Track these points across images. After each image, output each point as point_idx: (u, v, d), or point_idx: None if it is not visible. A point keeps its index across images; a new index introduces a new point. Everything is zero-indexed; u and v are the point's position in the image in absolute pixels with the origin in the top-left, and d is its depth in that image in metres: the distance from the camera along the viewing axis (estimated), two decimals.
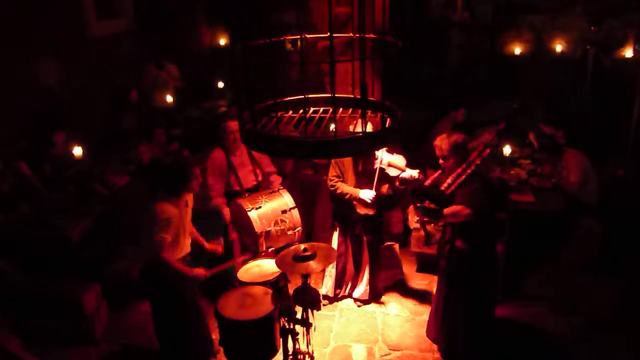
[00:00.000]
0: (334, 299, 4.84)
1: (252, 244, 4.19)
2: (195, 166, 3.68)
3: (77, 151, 5.52)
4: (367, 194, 4.32)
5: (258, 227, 4.06)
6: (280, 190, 4.39)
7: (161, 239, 3.46)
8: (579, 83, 7.44)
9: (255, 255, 4.16)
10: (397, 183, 4.37)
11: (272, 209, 4.20)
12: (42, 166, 5.39)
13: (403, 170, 4.29)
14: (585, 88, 7.37)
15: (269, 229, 4.11)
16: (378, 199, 4.36)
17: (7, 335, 3.74)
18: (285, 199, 4.31)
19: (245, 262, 4.10)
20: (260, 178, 4.70)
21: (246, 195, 4.35)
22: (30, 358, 3.70)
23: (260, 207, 4.14)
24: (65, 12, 6.26)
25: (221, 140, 4.57)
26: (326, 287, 4.80)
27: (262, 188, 4.63)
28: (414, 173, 4.25)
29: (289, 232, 4.22)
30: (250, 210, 4.08)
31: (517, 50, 8.17)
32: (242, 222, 4.21)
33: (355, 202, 4.42)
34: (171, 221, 3.49)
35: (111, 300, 4.68)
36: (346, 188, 4.41)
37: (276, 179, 4.76)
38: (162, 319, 3.80)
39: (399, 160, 4.34)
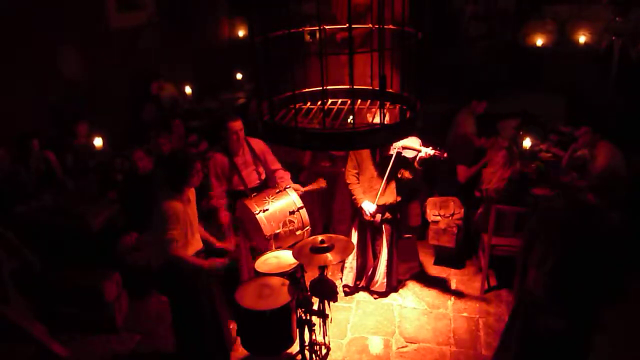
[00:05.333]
0: (353, 289, 4.86)
1: (261, 245, 4.19)
2: (197, 160, 3.62)
3: (98, 142, 5.61)
4: (368, 207, 4.39)
5: (267, 230, 4.02)
6: (287, 189, 4.30)
7: (172, 236, 3.44)
8: (603, 75, 7.28)
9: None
10: (416, 164, 4.29)
11: (280, 210, 4.14)
12: (64, 157, 5.51)
13: (419, 151, 4.21)
14: (611, 80, 7.21)
15: (277, 230, 4.08)
16: (378, 210, 4.42)
17: (32, 321, 3.83)
18: (293, 199, 4.24)
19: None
20: (263, 177, 4.61)
21: (253, 195, 4.25)
22: (54, 344, 3.78)
23: (267, 210, 4.08)
24: (86, 5, 6.34)
25: (223, 141, 4.46)
26: (347, 279, 4.81)
27: (268, 186, 4.54)
28: (429, 151, 4.18)
29: (298, 233, 4.19)
30: (258, 213, 4.03)
31: (539, 42, 8.02)
32: (250, 222, 4.19)
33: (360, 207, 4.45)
34: (178, 217, 3.47)
35: (131, 289, 4.76)
36: (356, 191, 4.46)
37: (285, 174, 4.59)
38: (179, 315, 3.81)
39: (413, 141, 4.24)
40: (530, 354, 3.35)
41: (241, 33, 9.43)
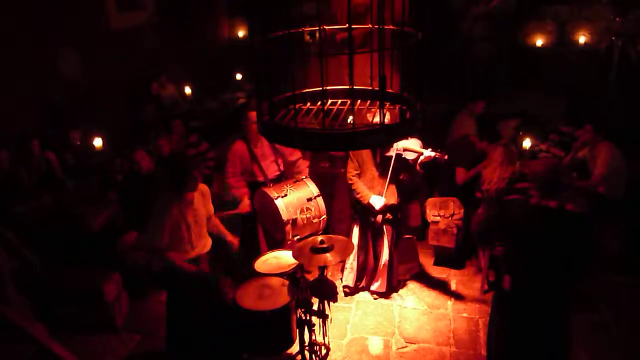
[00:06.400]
0: (353, 290, 4.86)
1: (278, 233, 4.22)
2: (195, 168, 3.63)
3: (98, 142, 5.61)
4: (377, 202, 4.34)
5: (285, 215, 4.10)
6: (305, 179, 4.43)
7: (159, 238, 3.49)
8: (603, 75, 7.28)
9: (282, 244, 4.22)
10: (418, 168, 4.28)
11: (298, 197, 4.24)
12: (64, 157, 5.51)
13: (420, 153, 4.19)
14: (611, 80, 7.21)
15: (295, 217, 4.15)
16: (387, 206, 4.39)
17: (32, 321, 3.83)
18: (311, 188, 4.36)
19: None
20: (282, 168, 4.72)
21: (271, 185, 4.38)
22: (54, 345, 3.78)
23: (286, 195, 4.17)
24: (86, 5, 6.34)
25: (243, 131, 4.59)
26: (347, 279, 4.81)
27: (285, 177, 4.65)
28: (430, 153, 4.16)
29: (315, 221, 4.27)
30: (276, 199, 4.12)
31: (539, 42, 8.01)
32: (268, 211, 4.24)
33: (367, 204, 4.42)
34: (170, 220, 3.50)
35: (131, 289, 4.76)
36: (360, 188, 4.42)
37: (303, 164, 4.72)
38: (171, 313, 3.83)
39: (414, 143, 4.23)
40: (518, 352, 3.40)
41: (241, 33, 9.43)
